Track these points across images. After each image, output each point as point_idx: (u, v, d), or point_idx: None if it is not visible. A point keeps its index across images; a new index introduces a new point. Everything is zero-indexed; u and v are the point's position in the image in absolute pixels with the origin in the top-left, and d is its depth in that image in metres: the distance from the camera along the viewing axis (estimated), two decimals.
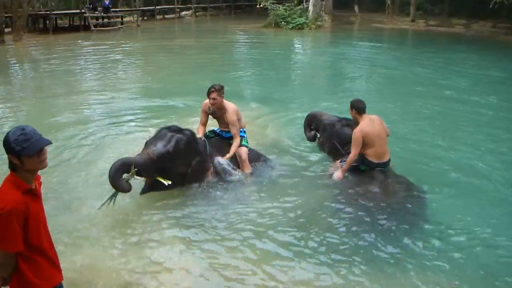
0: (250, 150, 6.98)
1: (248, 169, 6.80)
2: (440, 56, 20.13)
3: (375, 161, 6.43)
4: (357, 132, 6.34)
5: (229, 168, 6.53)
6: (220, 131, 7.03)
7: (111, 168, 5.53)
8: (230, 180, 6.52)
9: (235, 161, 6.73)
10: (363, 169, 6.55)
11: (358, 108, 6.48)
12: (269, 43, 25.55)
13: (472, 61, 18.95)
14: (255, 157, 7.06)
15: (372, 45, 23.99)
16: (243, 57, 21.33)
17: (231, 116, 6.60)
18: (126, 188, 5.62)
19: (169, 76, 15.10)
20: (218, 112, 6.70)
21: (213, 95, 6.45)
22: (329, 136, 7.40)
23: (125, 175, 5.59)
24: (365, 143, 6.33)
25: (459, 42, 25.49)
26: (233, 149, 6.61)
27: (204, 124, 6.84)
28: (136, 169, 5.60)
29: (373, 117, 6.52)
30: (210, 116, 6.86)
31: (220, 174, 6.50)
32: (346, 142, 6.96)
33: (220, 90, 6.50)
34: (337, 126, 7.37)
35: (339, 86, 14.25)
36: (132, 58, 19.26)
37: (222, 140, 6.96)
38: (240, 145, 6.77)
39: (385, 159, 6.49)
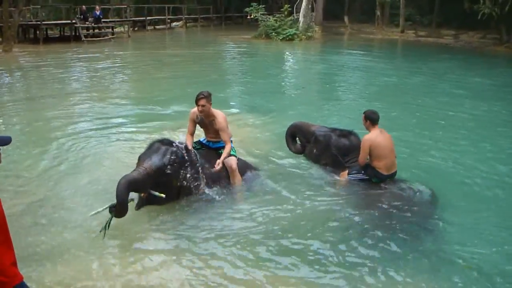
0: (238, 159, 6.88)
1: (238, 179, 6.74)
2: (429, 66, 20.32)
3: (385, 173, 6.54)
4: (365, 140, 6.44)
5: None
6: (207, 141, 6.93)
7: (118, 187, 5.35)
8: (222, 192, 6.48)
9: (225, 171, 6.67)
10: (374, 181, 6.64)
11: (373, 119, 6.53)
12: (260, 54, 25.63)
13: (462, 70, 19.21)
14: (243, 166, 6.98)
15: (362, 56, 24.17)
16: (233, 67, 21.35)
17: (221, 122, 6.54)
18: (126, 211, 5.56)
19: (159, 86, 15.10)
20: (206, 120, 6.61)
21: (202, 102, 6.40)
22: (325, 147, 7.34)
23: (133, 199, 5.60)
24: (377, 155, 6.43)
25: (449, 52, 25.73)
26: (224, 154, 6.49)
27: (192, 133, 6.73)
28: (143, 193, 5.64)
29: (383, 130, 6.59)
30: (197, 125, 6.83)
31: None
32: (347, 153, 7.04)
33: (208, 97, 6.44)
34: (333, 138, 7.34)
35: (329, 96, 14.34)
36: (122, 68, 19.22)
37: (209, 151, 6.87)
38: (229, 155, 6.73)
39: (394, 170, 6.61)
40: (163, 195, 5.72)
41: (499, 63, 22.81)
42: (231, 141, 6.77)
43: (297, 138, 8.12)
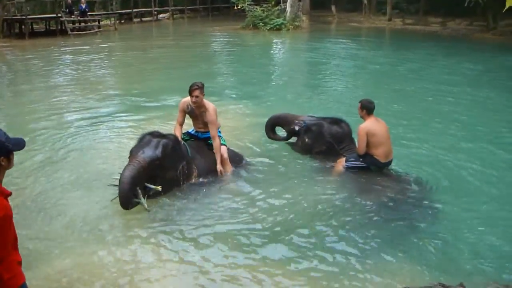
0: (228, 149, 6.94)
1: (229, 167, 6.77)
2: (417, 53, 20.40)
3: (383, 160, 6.60)
4: (362, 128, 6.48)
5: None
6: (196, 132, 6.95)
7: (121, 186, 5.46)
8: (213, 182, 6.48)
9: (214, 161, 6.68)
10: (373, 169, 6.69)
11: (369, 108, 6.55)
12: (247, 44, 25.55)
13: (450, 56, 19.30)
14: (232, 156, 7.00)
15: (350, 44, 24.12)
16: (221, 58, 21.31)
17: (212, 115, 6.56)
18: (130, 207, 5.60)
19: (147, 78, 15.04)
20: (197, 110, 6.62)
21: (196, 92, 6.40)
22: (318, 135, 7.33)
23: (139, 200, 5.61)
24: (374, 143, 6.47)
25: (436, 40, 25.80)
26: (218, 153, 6.56)
27: (181, 123, 6.74)
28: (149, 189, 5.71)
29: (378, 119, 6.63)
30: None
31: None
32: (341, 140, 7.06)
33: (202, 87, 6.46)
34: (325, 125, 7.34)
35: (318, 85, 14.34)
36: (109, 61, 19.15)
37: (199, 141, 6.90)
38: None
39: (391, 158, 6.69)
40: (159, 188, 5.71)
41: (486, 49, 22.87)
42: (219, 131, 6.78)
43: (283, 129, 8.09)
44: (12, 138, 2.86)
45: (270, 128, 8.08)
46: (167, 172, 5.96)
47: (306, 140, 7.51)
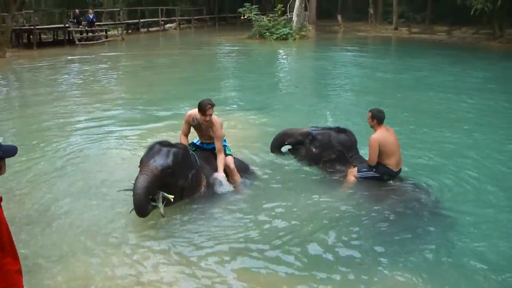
0: (235, 159, 6.93)
1: (237, 177, 6.76)
2: (425, 61, 20.40)
3: (395, 170, 6.61)
4: (374, 139, 6.45)
5: (227, 185, 6.53)
6: (201, 143, 6.95)
7: (136, 197, 5.45)
8: (222, 191, 6.47)
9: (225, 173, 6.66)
10: (386, 178, 6.66)
11: (380, 118, 6.53)
12: (254, 54, 25.61)
13: (457, 65, 19.37)
14: (239, 165, 6.99)
15: (356, 53, 24.21)
16: (228, 67, 21.32)
17: (218, 130, 6.56)
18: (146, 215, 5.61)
19: (155, 87, 15.05)
20: (203, 125, 6.63)
21: (210, 111, 6.40)
22: (327, 144, 7.23)
23: (157, 204, 5.61)
24: (387, 153, 6.47)
25: (443, 48, 25.84)
26: (221, 166, 6.54)
27: (187, 134, 6.76)
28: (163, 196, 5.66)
29: (388, 127, 6.63)
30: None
31: (215, 188, 6.47)
32: (350, 149, 7.08)
33: (214, 105, 6.50)
34: (332, 134, 7.29)
35: (325, 94, 14.34)
36: (117, 71, 19.21)
37: (205, 151, 6.89)
38: (225, 154, 6.72)
39: (400, 166, 6.69)
40: (172, 197, 5.71)
41: (493, 58, 22.90)
42: (224, 140, 6.81)
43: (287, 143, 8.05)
44: (3, 145, 2.83)
45: (277, 146, 8.05)
46: (178, 180, 5.94)
47: (314, 150, 7.38)
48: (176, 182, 5.91)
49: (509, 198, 6.65)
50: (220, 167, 6.54)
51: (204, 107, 6.40)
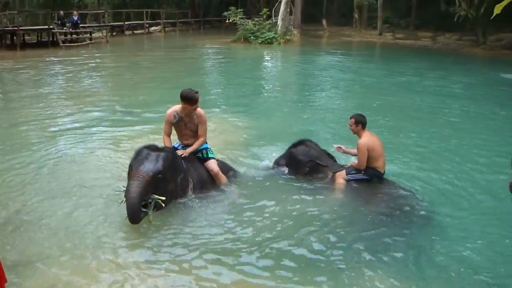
0: (217, 161, 6.83)
1: (223, 180, 6.70)
2: (408, 67, 20.60)
3: (383, 171, 6.69)
4: (363, 144, 6.48)
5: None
6: (183, 146, 6.73)
7: (130, 205, 5.40)
8: (209, 194, 6.42)
9: (209, 173, 6.62)
10: (375, 180, 6.71)
11: (364, 122, 6.58)
12: (239, 58, 25.65)
13: (441, 70, 19.54)
14: (223, 167, 6.91)
15: (341, 58, 24.36)
16: (212, 70, 21.31)
17: (204, 116, 6.50)
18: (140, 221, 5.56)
19: (138, 90, 14.93)
20: (186, 118, 6.48)
21: (199, 99, 6.35)
22: (295, 164, 7.14)
23: (147, 210, 5.57)
24: (375, 157, 6.53)
25: (426, 54, 26.10)
26: (195, 146, 6.50)
27: (169, 135, 6.62)
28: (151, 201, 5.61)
29: (371, 132, 6.70)
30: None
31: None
32: (318, 154, 7.06)
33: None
34: (293, 152, 7.22)
35: (308, 98, 14.37)
36: (100, 73, 19.08)
37: (189, 155, 6.66)
38: (208, 157, 6.66)
39: (385, 167, 6.77)
40: (163, 198, 5.66)
41: (476, 64, 23.16)
42: (207, 144, 6.74)
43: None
44: None
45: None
46: (168, 185, 5.88)
47: (288, 173, 7.28)
48: (166, 186, 5.84)
49: (489, 200, 6.74)
50: (193, 147, 6.50)
51: (192, 96, 6.31)
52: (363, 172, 6.65)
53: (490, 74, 19.31)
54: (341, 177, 6.80)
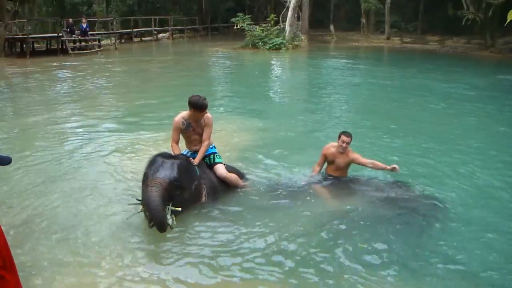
0: (225, 165, 6.78)
1: (235, 181, 6.67)
2: (416, 71, 20.61)
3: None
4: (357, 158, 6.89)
5: None
6: (191, 153, 6.65)
7: (155, 209, 5.34)
8: (222, 200, 6.40)
9: (219, 180, 6.56)
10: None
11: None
12: (247, 63, 25.69)
13: (450, 74, 19.51)
14: (231, 171, 6.83)
15: (348, 63, 24.34)
16: (221, 76, 21.34)
17: (210, 119, 6.47)
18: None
19: (148, 97, 14.99)
20: (194, 123, 6.46)
21: (207, 105, 6.35)
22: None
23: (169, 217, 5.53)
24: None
25: (435, 58, 26.03)
26: (200, 154, 6.43)
27: (177, 142, 6.55)
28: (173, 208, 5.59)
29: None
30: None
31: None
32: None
33: None
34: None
35: (317, 102, 14.40)
36: (110, 80, 19.13)
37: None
38: (215, 162, 6.63)
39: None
40: (179, 209, 5.64)
41: (485, 67, 23.09)
42: (214, 147, 6.71)
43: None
44: None
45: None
46: (184, 192, 5.86)
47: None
48: (182, 193, 5.82)
49: (493, 200, 6.77)
50: (200, 154, 6.44)
51: (202, 103, 6.27)
52: None
53: (499, 77, 19.25)
54: None
